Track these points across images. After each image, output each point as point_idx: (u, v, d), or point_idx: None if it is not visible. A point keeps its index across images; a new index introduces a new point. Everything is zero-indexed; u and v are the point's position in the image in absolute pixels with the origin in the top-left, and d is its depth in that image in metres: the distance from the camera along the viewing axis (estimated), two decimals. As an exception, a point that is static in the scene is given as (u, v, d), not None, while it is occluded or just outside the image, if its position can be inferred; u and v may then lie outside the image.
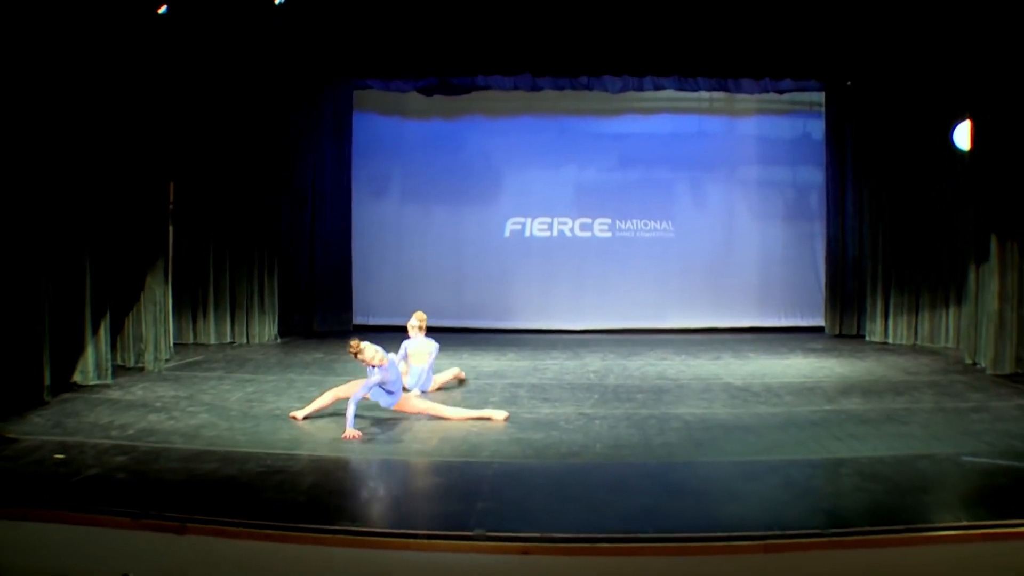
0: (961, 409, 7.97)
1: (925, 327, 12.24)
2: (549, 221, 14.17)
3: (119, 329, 9.74)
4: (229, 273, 12.28)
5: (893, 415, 7.74)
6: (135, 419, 7.47)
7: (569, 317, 13.97)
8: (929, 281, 12.13)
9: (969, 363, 10.26)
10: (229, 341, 12.24)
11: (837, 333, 13.21)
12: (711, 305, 13.98)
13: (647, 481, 5.95)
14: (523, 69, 12.54)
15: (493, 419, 7.53)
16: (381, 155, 14.00)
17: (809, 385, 9.25)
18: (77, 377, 8.70)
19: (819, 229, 13.84)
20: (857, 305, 13.12)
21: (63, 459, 6.19)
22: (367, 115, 13.92)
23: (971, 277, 10.35)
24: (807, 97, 13.77)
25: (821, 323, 13.68)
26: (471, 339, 12.62)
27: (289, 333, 12.94)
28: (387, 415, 7.63)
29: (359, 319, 13.76)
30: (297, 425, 7.38)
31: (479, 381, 9.50)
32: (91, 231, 8.79)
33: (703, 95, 13.74)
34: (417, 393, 8.37)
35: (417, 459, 6.66)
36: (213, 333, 12.17)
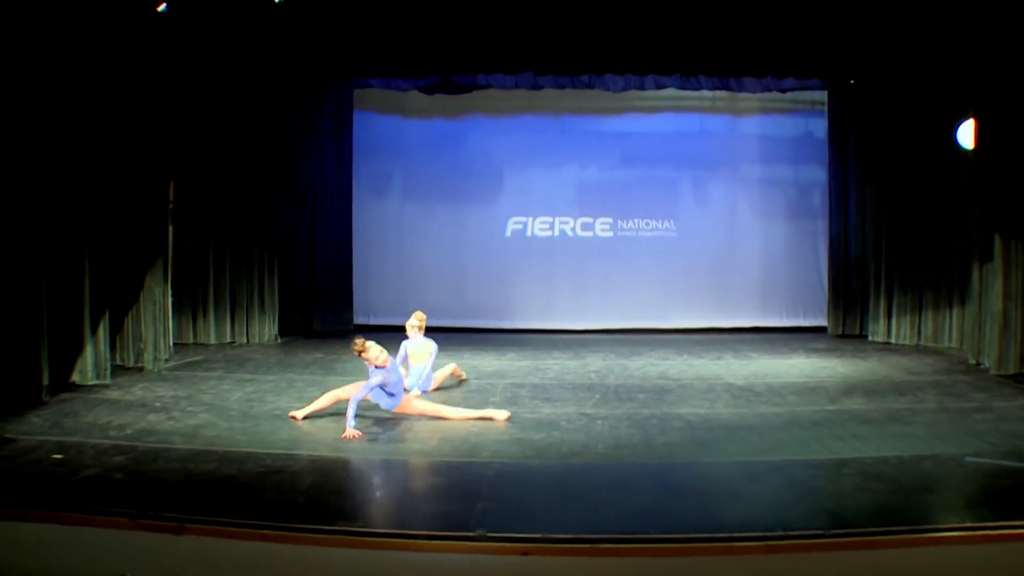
0: (965, 409, 7.94)
1: (928, 327, 12.19)
2: (551, 220, 14.15)
3: (118, 329, 9.73)
4: (229, 273, 12.27)
5: (896, 415, 7.72)
6: (134, 419, 7.46)
7: (570, 317, 13.94)
8: (932, 280, 12.09)
9: (973, 363, 10.23)
10: (229, 341, 12.23)
11: (840, 333, 13.17)
12: (713, 305, 13.96)
13: (649, 481, 5.93)
14: (525, 68, 12.51)
15: (494, 419, 7.51)
16: (382, 154, 13.98)
17: (812, 385, 9.22)
18: (76, 377, 8.68)
19: (822, 228, 13.81)
20: (860, 305, 13.09)
21: (61, 459, 6.17)
22: (368, 114, 13.91)
23: (975, 276, 10.31)
24: (810, 96, 13.75)
25: (824, 323, 13.65)
26: (472, 339, 12.60)
27: (289, 333, 12.92)
28: (387, 415, 7.61)
29: (359, 319, 13.73)
30: (297, 425, 7.36)
31: (480, 381, 9.48)
32: (90, 230, 8.77)
33: (705, 94, 13.72)
34: (417, 394, 8.34)
35: (417, 459, 6.64)
36: (213, 333, 12.16)
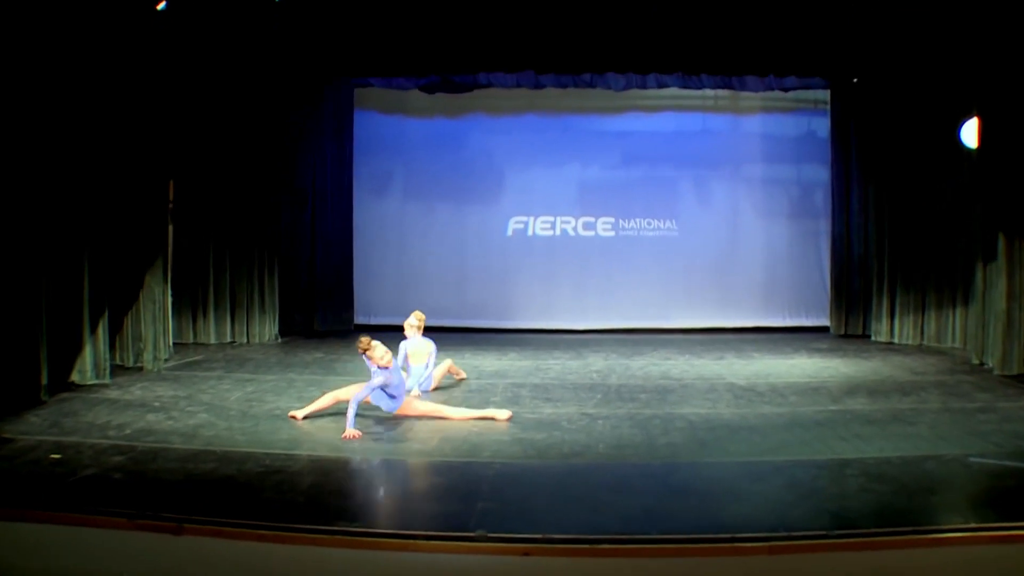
0: (968, 410, 7.91)
1: (931, 327, 12.14)
2: (552, 220, 14.12)
3: (118, 328, 9.71)
4: (229, 272, 12.24)
5: (899, 415, 7.68)
6: (133, 419, 7.43)
7: (572, 317, 13.91)
8: (935, 280, 12.04)
9: (976, 363, 10.18)
10: (229, 341, 12.20)
11: (842, 333, 13.14)
12: (715, 304, 13.93)
13: (650, 482, 5.91)
14: (526, 66, 12.48)
15: (496, 419, 7.49)
16: (383, 153, 13.96)
17: (814, 385, 9.19)
18: (75, 377, 8.66)
19: (824, 228, 13.78)
20: (863, 304, 13.05)
21: (59, 459, 6.15)
22: (368, 113, 13.90)
23: (978, 276, 10.26)
24: (812, 95, 13.72)
25: (826, 323, 13.61)
26: (473, 339, 12.59)
27: (290, 333, 12.90)
28: (388, 415, 7.57)
29: (360, 319, 13.71)
30: (296, 425, 7.34)
31: (481, 381, 9.46)
32: (90, 229, 8.76)
33: (707, 93, 13.68)
34: (417, 394, 8.32)
35: (417, 459, 6.62)
36: (213, 333, 12.13)
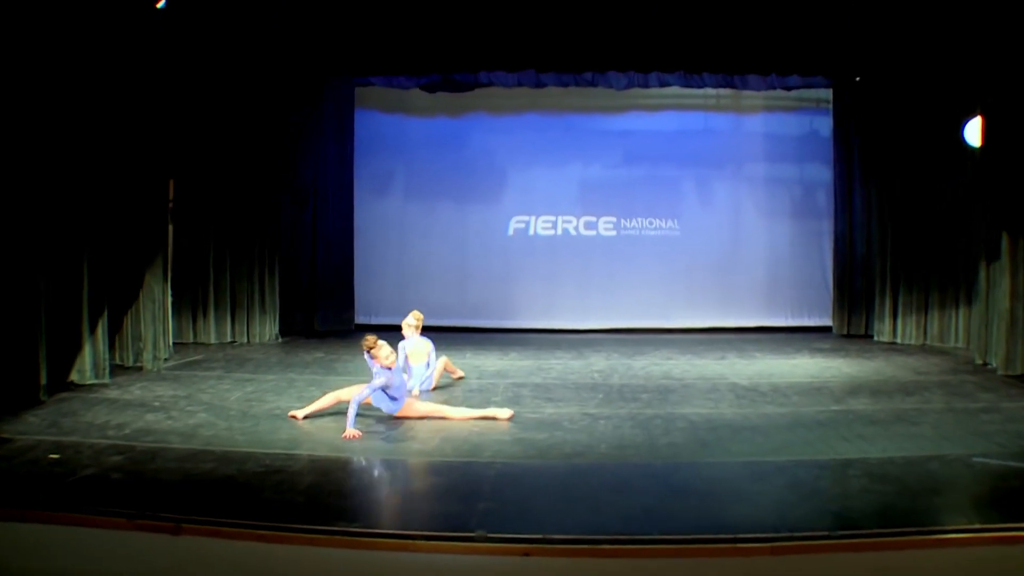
0: (972, 410, 7.88)
1: (935, 326, 12.11)
2: (553, 219, 14.09)
3: (117, 328, 9.69)
4: (229, 272, 12.22)
5: (902, 416, 7.65)
6: (132, 419, 7.41)
7: (573, 316, 13.89)
8: (939, 279, 12.01)
9: (980, 363, 10.15)
10: (229, 340, 12.18)
11: (845, 333, 13.11)
12: (717, 304, 13.90)
13: (652, 482, 5.88)
14: (527, 65, 12.48)
15: (497, 418, 7.47)
16: (384, 153, 13.93)
17: (816, 385, 9.16)
18: (74, 376, 8.64)
19: (827, 227, 13.74)
20: (865, 304, 13.01)
21: (58, 459, 6.13)
22: (369, 112, 13.87)
23: (982, 275, 10.23)
24: (814, 94, 13.68)
25: (828, 323, 13.57)
26: (474, 338, 12.57)
27: (290, 332, 12.87)
28: (389, 415, 7.54)
29: (361, 318, 13.68)
30: (297, 425, 7.31)
31: (482, 381, 9.44)
32: (89, 228, 8.74)
33: (709, 92, 13.64)
34: (417, 394, 8.31)
35: (418, 459, 6.59)
36: (213, 332, 12.11)
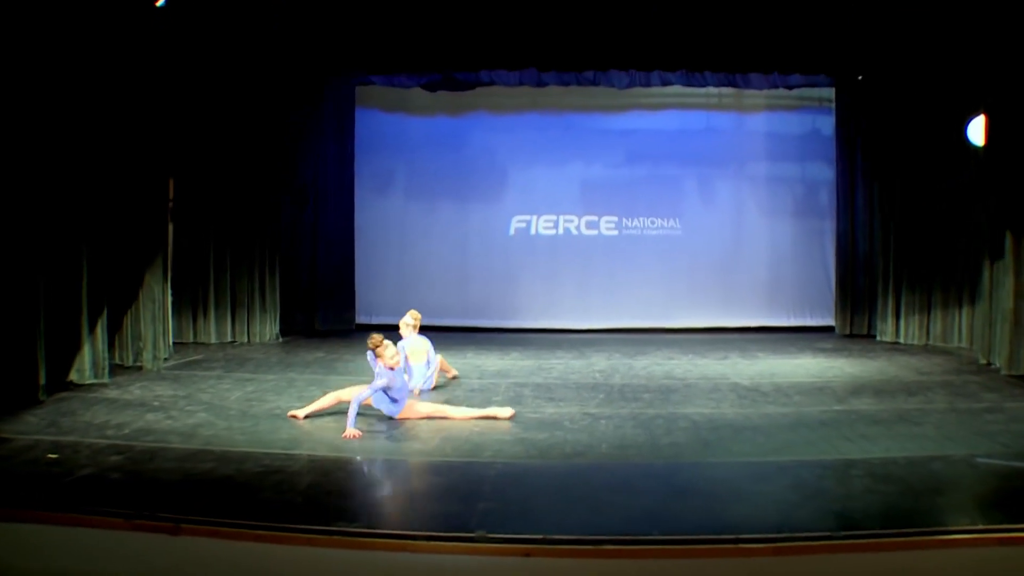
0: (975, 410, 7.85)
1: (938, 326, 12.08)
2: (555, 219, 14.06)
3: (117, 327, 9.68)
4: (230, 271, 12.19)
5: (905, 416, 7.62)
6: (132, 418, 7.39)
7: (575, 316, 13.86)
8: (942, 279, 11.98)
9: (983, 363, 10.12)
10: (230, 340, 12.16)
11: (847, 333, 13.08)
12: (719, 304, 13.87)
13: (653, 482, 5.86)
14: (528, 64, 12.45)
15: (498, 417, 7.45)
16: (384, 152, 13.91)
17: (819, 385, 9.12)
18: (73, 376, 8.62)
19: (829, 226, 13.71)
20: (868, 304, 12.98)
21: (56, 459, 6.11)
22: (370, 111, 13.86)
23: (985, 275, 10.20)
24: (817, 92, 13.65)
25: (831, 322, 13.55)
26: (475, 338, 12.57)
27: (291, 332, 12.86)
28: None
29: (362, 318, 13.66)
30: (296, 424, 7.29)
31: (483, 381, 9.42)
32: (89, 228, 8.72)
33: (711, 91, 13.62)
34: (418, 393, 8.29)
35: (418, 459, 6.57)
36: (213, 332, 12.08)
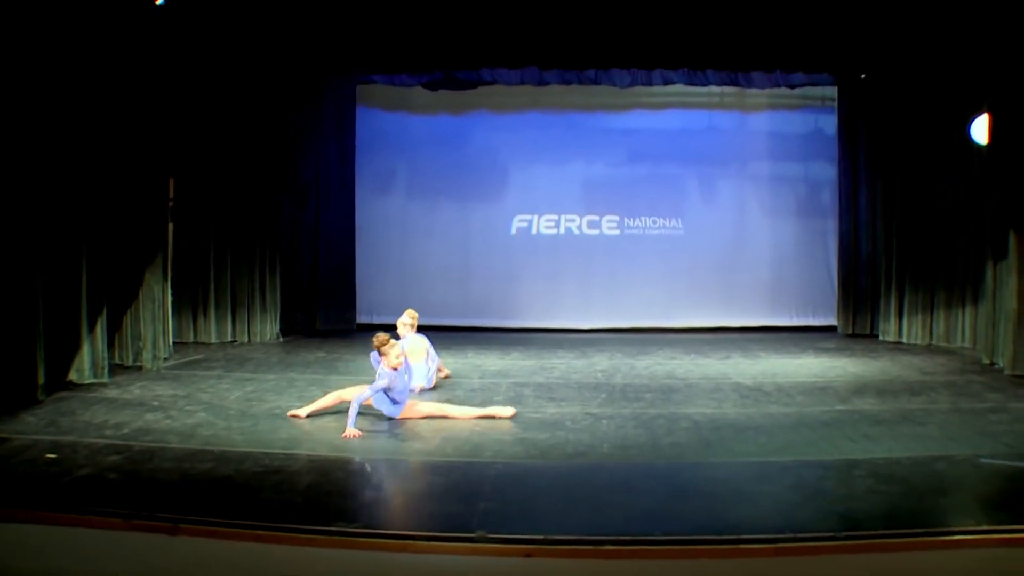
0: (979, 410, 7.81)
1: (941, 326, 12.03)
2: (556, 218, 14.03)
3: (117, 327, 9.65)
4: (230, 271, 12.15)
5: (908, 416, 7.58)
6: (131, 418, 7.37)
7: (576, 316, 13.83)
8: (945, 279, 11.93)
9: (987, 363, 10.08)
10: (230, 340, 12.12)
11: (850, 332, 13.03)
12: (721, 304, 13.84)
13: (655, 482, 5.84)
14: (529, 62, 12.42)
15: (500, 416, 7.42)
16: (385, 151, 13.88)
17: (821, 385, 9.09)
18: (73, 376, 8.59)
19: (832, 226, 13.68)
20: (870, 304, 12.93)
21: (54, 459, 6.08)
22: (371, 110, 13.83)
23: (988, 274, 10.17)
24: (819, 92, 13.62)
25: (833, 322, 13.51)
26: (476, 338, 12.55)
27: (292, 332, 12.83)
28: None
29: (363, 318, 13.62)
30: (296, 424, 7.26)
31: (484, 380, 9.40)
32: (89, 227, 8.69)
33: (713, 90, 13.60)
34: (418, 390, 8.27)
35: (418, 459, 6.53)
36: (214, 332, 12.04)
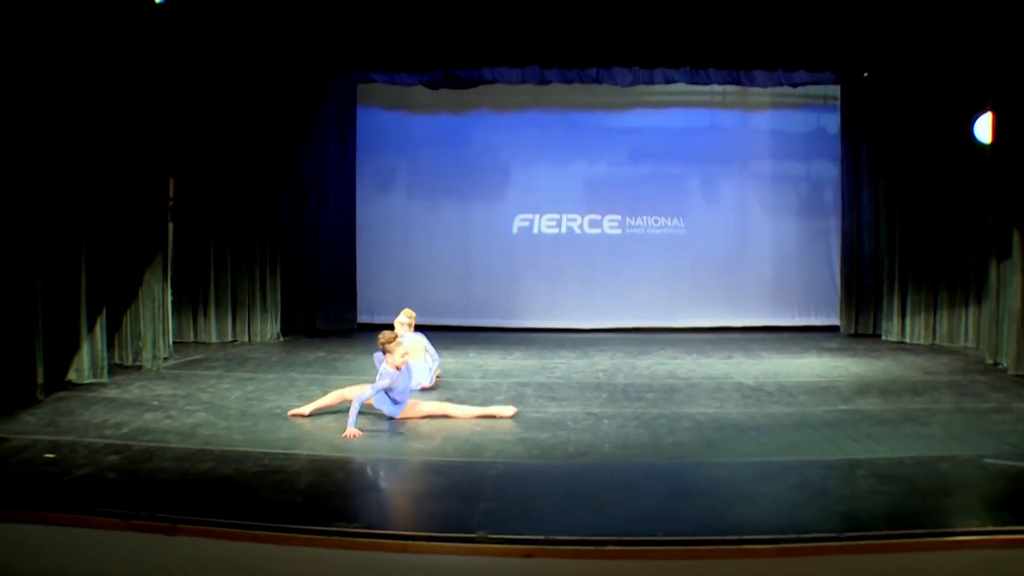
0: (982, 410, 7.78)
1: (944, 326, 12.00)
2: (558, 218, 14.02)
3: (117, 327, 9.64)
4: (230, 270, 12.14)
5: (911, 415, 7.55)
6: (130, 418, 7.35)
7: (578, 315, 13.82)
8: (948, 278, 11.90)
9: (990, 363, 10.04)
10: (230, 339, 12.10)
11: (852, 332, 13.01)
12: (723, 303, 13.82)
13: (656, 482, 5.81)
14: (530, 61, 12.39)
15: (501, 416, 7.40)
16: (386, 150, 13.88)
17: (824, 385, 9.06)
18: (72, 375, 8.57)
19: (834, 225, 13.66)
20: (873, 303, 12.92)
21: (53, 458, 6.06)
22: (372, 109, 13.83)
23: (992, 273, 10.13)
24: (821, 90, 13.60)
25: (836, 322, 13.49)
26: (477, 337, 12.54)
27: (292, 331, 12.82)
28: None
29: (363, 317, 13.62)
30: (296, 424, 7.24)
31: (485, 380, 9.38)
32: (88, 226, 8.67)
33: (715, 88, 13.59)
34: (419, 388, 8.26)
35: (418, 458, 6.51)
36: (214, 331, 12.02)
